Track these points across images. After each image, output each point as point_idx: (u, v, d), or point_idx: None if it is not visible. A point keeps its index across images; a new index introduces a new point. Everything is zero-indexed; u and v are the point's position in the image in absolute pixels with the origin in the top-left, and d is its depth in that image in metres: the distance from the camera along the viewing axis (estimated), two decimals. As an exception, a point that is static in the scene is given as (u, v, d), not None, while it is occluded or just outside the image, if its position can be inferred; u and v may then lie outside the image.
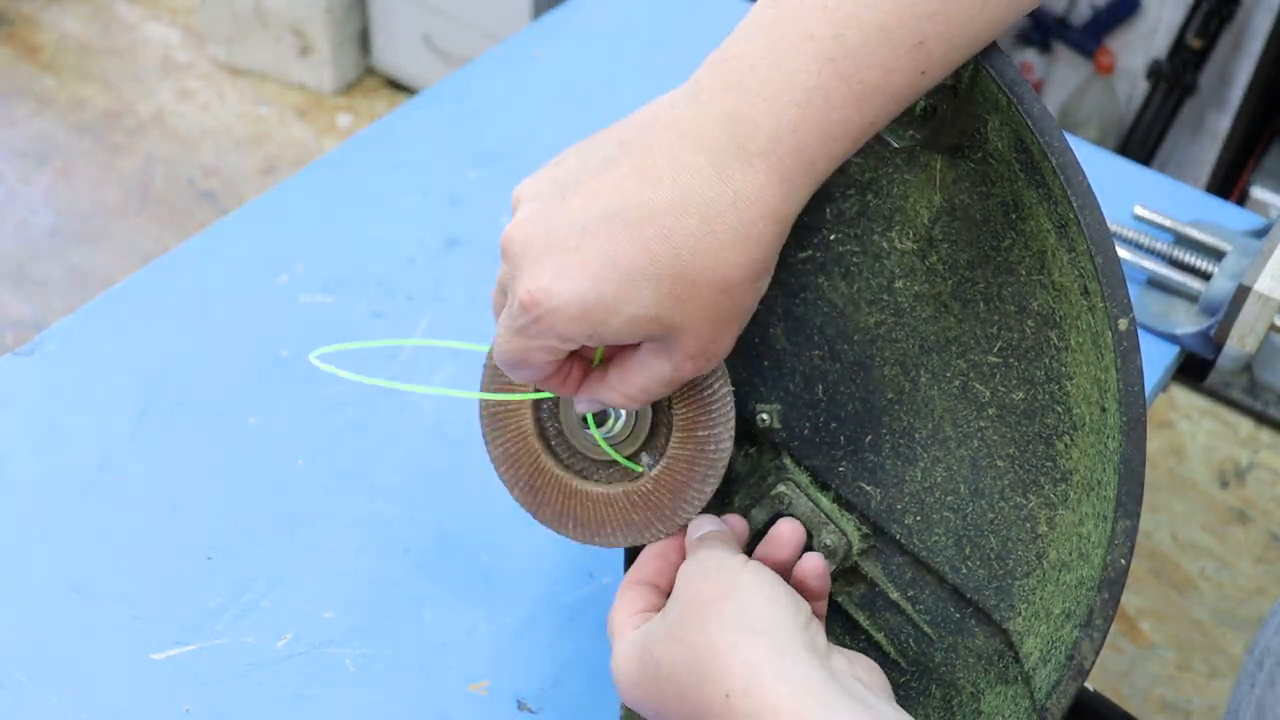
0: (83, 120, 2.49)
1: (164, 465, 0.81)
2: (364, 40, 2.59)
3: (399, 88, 2.59)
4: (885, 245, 0.62)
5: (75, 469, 0.81)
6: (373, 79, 2.63)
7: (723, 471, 0.61)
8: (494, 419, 0.63)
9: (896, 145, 0.57)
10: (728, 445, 0.61)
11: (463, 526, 0.79)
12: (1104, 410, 0.55)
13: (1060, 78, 2.30)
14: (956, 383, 0.61)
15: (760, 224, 0.47)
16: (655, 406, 0.62)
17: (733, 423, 0.60)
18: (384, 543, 0.78)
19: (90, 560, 0.76)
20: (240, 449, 0.83)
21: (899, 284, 0.61)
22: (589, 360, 0.56)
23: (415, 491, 0.81)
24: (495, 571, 0.77)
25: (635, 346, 0.53)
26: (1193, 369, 0.95)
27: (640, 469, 0.62)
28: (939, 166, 0.59)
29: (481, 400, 0.63)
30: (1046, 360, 0.58)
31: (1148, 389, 0.90)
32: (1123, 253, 0.98)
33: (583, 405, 0.57)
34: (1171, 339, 0.94)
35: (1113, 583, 0.53)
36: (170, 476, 0.81)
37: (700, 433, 0.60)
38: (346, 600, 0.75)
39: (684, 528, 0.62)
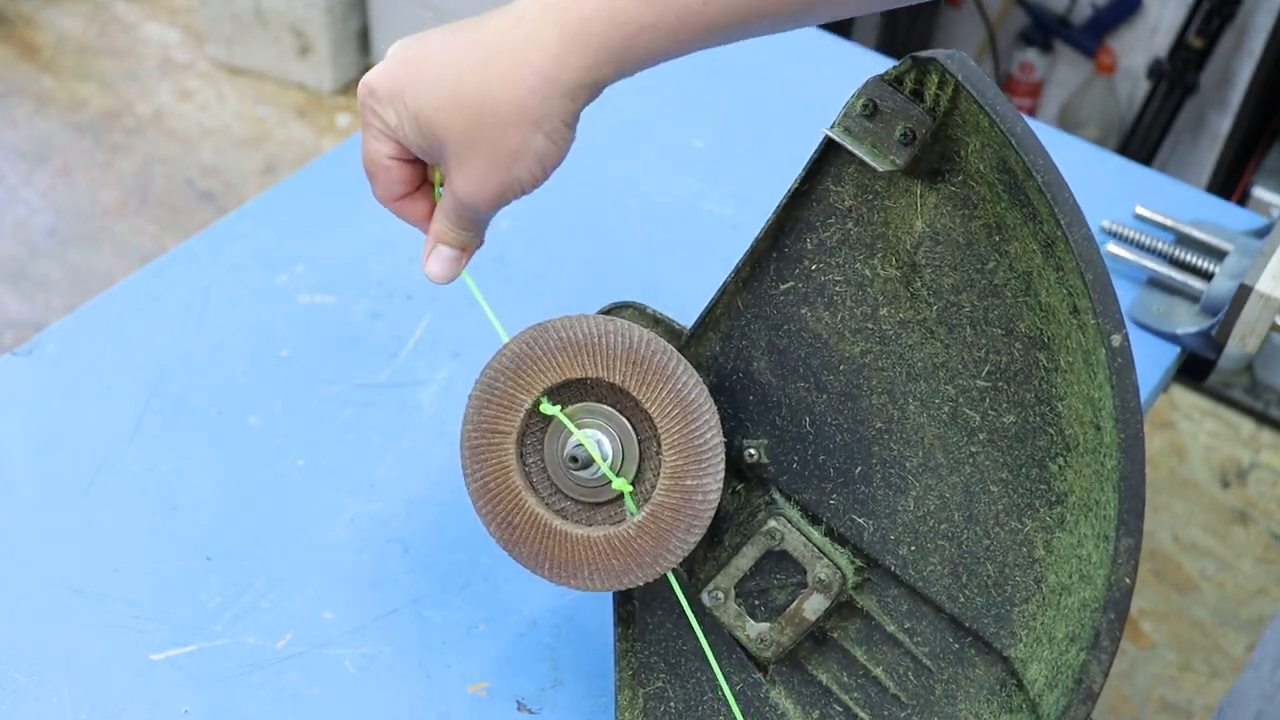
0: (82, 120, 2.49)
1: (164, 465, 0.81)
2: (364, 40, 2.59)
3: (399, 87, 2.58)
4: (868, 273, 0.61)
5: (75, 469, 0.80)
6: (373, 79, 2.62)
7: (708, 523, 0.60)
8: (475, 451, 0.62)
9: (879, 169, 0.57)
10: (715, 497, 0.60)
11: (463, 526, 0.79)
12: (1099, 429, 0.54)
13: (1061, 77, 2.30)
14: (946, 409, 0.60)
15: (530, 74, 0.57)
16: (642, 452, 0.61)
17: (722, 474, 0.60)
18: (384, 542, 0.78)
19: (90, 560, 0.76)
20: (240, 449, 0.83)
21: (883, 311, 0.61)
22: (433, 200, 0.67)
23: (415, 491, 0.81)
24: (495, 571, 0.77)
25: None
26: (1194, 369, 0.95)
27: (635, 510, 0.61)
28: (919, 191, 0.59)
29: (464, 432, 0.62)
30: (1036, 382, 0.57)
31: (1149, 390, 0.90)
32: (1124, 252, 0.98)
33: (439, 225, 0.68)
34: (1173, 339, 0.94)
35: (1118, 603, 0.53)
36: (170, 476, 0.81)
37: (689, 481, 0.60)
38: (346, 600, 0.75)
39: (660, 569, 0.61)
